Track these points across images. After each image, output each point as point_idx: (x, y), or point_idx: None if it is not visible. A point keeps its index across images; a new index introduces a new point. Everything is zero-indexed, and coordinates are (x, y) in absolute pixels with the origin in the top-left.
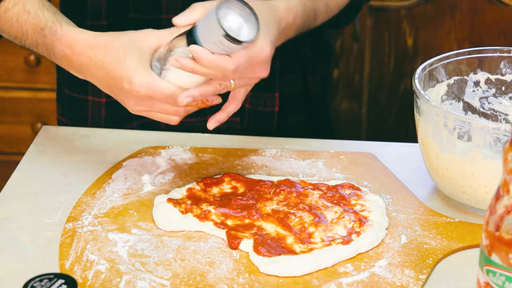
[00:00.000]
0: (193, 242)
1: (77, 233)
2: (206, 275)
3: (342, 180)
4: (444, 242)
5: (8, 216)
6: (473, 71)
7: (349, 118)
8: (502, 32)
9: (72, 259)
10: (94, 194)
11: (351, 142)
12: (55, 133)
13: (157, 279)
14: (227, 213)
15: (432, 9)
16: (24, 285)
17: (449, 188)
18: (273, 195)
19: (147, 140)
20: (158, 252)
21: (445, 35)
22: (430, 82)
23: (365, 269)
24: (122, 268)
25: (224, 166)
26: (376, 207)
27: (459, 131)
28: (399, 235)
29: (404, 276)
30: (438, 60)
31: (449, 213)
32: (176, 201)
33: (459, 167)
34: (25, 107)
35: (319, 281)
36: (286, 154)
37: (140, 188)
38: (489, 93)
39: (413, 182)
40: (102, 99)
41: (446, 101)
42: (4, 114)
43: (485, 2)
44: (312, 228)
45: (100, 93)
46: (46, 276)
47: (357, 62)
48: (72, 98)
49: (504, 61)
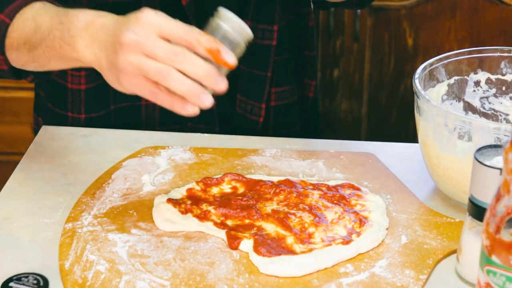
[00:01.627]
0: (193, 242)
1: (77, 233)
2: (206, 275)
3: (342, 180)
4: (445, 242)
5: (8, 216)
6: (473, 71)
7: (349, 118)
8: (502, 32)
9: (71, 259)
10: (94, 194)
11: (351, 142)
12: (55, 133)
13: (157, 279)
14: (227, 213)
15: (432, 9)
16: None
17: (450, 188)
18: (273, 195)
19: (147, 140)
20: (158, 252)
21: (445, 35)
22: (430, 82)
23: (365, 269)
24: (122, 268)
25: (224, 166)
26: (376, 207)
27: (460, 131)
28: (400, 235)
29: (404, 276)
30: (438, 60)
31: (449, 213)
32: (176, 201)
33: (460, 167)
34: (25, 107)
35: (319, 281)
36: (286, 154)
37: (140, 188)
38: (489, 93)
39: (413, 182)
40: (82, 86)
41: (447, 101)
42: (4, 114)
43: (485, 2)
44: (312, 228)
45: (79, 81)
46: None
47: (357, 62)
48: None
49: (504, 61)
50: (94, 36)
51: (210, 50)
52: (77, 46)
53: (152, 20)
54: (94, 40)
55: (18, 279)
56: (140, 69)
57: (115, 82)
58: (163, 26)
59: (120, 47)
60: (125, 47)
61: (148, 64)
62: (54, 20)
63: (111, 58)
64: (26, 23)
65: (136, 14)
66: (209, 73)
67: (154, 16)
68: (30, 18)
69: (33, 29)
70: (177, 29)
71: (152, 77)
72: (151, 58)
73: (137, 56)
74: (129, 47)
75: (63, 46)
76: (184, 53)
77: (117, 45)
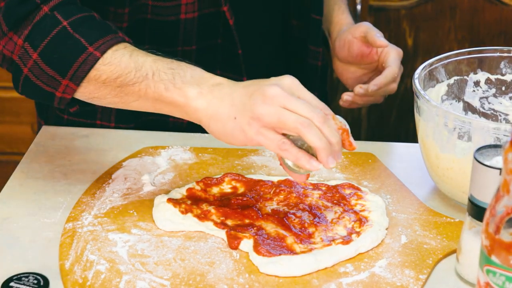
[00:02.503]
0: (193, 242)
1: (77, 233)
2: (206, 275)
3: (342, 180)
4: (444, 242)
5: (8, 216)
6: (473, 71)
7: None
8: (502, 32)
9: (72, 259)
10: (94, 194)
11: None
12: (55, 133)
13: (157, 279)
14: (227, 213)
15: (432, 9)
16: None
17: (449, 188)
18: (273, 195)
19: (147, 140)
20: (158, 252)
21: (445, 35)
22: (430, 82)
23: (365, 269)
24: (122, 268)
25: (224, 166)
26: (376, 207)
27: (459, 131)
28: (399, 235)
29: (404, 276)
30: (438, 60)
31: (449, 213)
32: (176, 201)
33: (459, 167)
34: (25, 107)
35: (319, 281)
36: None
37: (140, 188)
38: (489, 93)
39: (413, 182)
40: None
41: (446, 101)
42: (4, 114)
43: (485, 2)
44: (312, 228)
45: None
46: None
47: None
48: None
49: (504, 61)
50: (212, 88)
51: (341, 128)
52: (188, 92)
53: (294, 84)
54: (213, 91)
55: (18, 278)
56: (279, 119)
57: (237, 131)
58: (307, 96)
59: (263, 97)
60: (268, 98)
61: (288, 115)
62: (159, 64)
63: (245, 107)
64: (123, 59)
65: (282, 80)
66: (339, 143)
67: (298, 83)
68: (128, 55)
69: (133, 66)
70: (316, 100)
71: (289, 127)
72: (291, 111)
73: (278, 108)
74: (273, 98)
75: (170, 89)
76: (325, 116)
77: (257, 95)
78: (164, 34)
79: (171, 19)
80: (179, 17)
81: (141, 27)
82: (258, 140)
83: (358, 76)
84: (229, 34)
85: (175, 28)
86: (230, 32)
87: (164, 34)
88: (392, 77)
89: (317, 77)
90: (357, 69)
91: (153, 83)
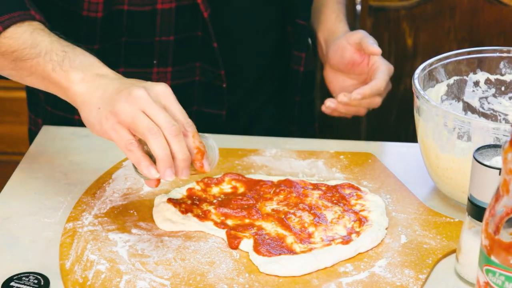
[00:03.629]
0: (193, 242)
1: (77, 233)
2: (206, 275)
3: (342, 180)
4: (444, 242)
5: (8, 216)
6: (472, 71)
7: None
8: (501, 32)
9: (72, 259)
10: (94, 194)
11: (351, 142)
12: (55, 133)
13: (157, 279)
14: (227, 213)
15: (432, 9)
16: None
17: (449, 188)
18: (273, 195)
19: None
20: (158, 252)
21: (445, 35)
22: (430, 82)
23: (365, 269)
24: (122, 268)
25: (224, 166)
26: (376, 207)
27: (459, 131)
28: (399, 235)
29: (404, 276)
30: (438, 60)
31: (449, 213)
32: (176, 201)
33: (459, 167)
34: (25, 107)
35: (319, 281)
36: (286, 154)
37: (140, 188)
38: (488, 93)
39: (413, 182)
40: None
41: (446, 101)
42: (4, 114)
43: (484, 2)
44: (312, 228)
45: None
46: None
47: None
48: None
49: (503, 61)
50: (96, 77)
51: (198, 148)
52: (72, 76)
53: (165, 93)
54: (95, 79)
55: (18, 278)
56: (133, 119)
57: (96, 121)
58: (173, 108)
59: (127, 96)
60: (131, 98)
61: (142, 118)
62: (55, 45)
63: (110, 101)
64: (23, 36)
65: (153, 86)
66: (186, 161)
67: (170, 93)
68: (28, 33)
69: (29, 43)
70: (182, 114)
71: (139, 130)
72: (148, 116)
73: (137, 110)
74: (135, 99)
75: (57, 70)
76: (179, 131)
77: (124, 93)
78: (141, 24)
79: (148, 9)
80: (156, 7)
81: (117, 17)
82: (110, 135)
83: (346, 86)
84: (205, 26)
85: (151, 18)
86: (205, 24)
87: (140, 24)
88: (377, 90)
89: (299, 82)
90: (346, 78)
91: (43, 62)
